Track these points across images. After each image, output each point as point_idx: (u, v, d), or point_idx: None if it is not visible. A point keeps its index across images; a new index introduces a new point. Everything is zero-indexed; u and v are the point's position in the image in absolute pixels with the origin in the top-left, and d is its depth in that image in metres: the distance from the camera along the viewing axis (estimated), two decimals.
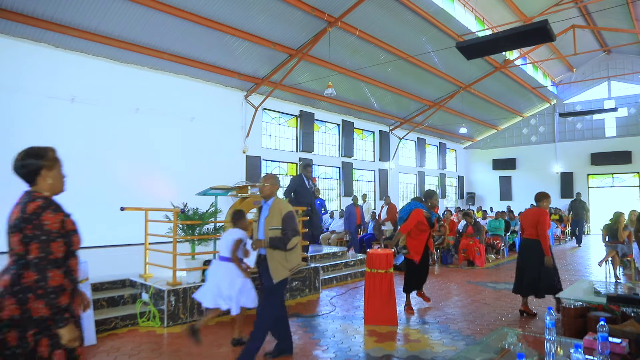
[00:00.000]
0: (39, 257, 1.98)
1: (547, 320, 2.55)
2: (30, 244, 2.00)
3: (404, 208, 5.86)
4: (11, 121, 8.28)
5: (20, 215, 2.06)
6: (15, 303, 1.96)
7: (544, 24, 5.78)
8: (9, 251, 2.07)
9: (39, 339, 1.98)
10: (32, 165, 2.18)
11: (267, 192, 3.83)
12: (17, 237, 2.03)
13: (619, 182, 19.32)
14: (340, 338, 4.51)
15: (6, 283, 2.00)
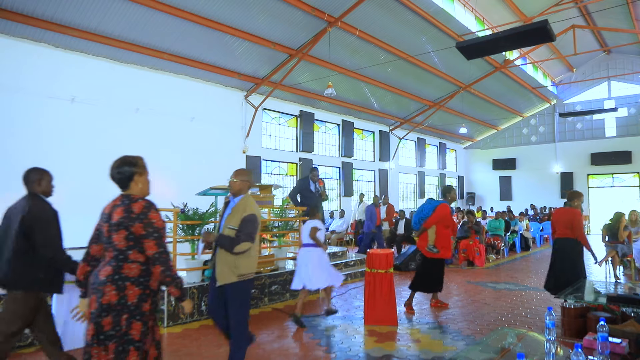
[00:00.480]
0: (159, 251, 2.35)
1: (547, 320, 2.55)
2: (143, 242, 2.33)
3: (425, 206, 5.85)
4: (11, 121, 8.28)
5: (126, 214, 2.34)
6: (115, 290, 2.26)
7: (544, 24, 5.79)
8: (108, 246, 2.37)
9: (131, 322, 2.26)
10: (127, 172, 2.54)
11: (236, 189, 3.51)
12: (122, 234, 2.33)
13: (619, 182, 19.32)
14: (340, 338, 4.51)
15: (108, 273, 2.31)
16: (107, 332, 2.22)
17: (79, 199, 8.91)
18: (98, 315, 2.24)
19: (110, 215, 2.40)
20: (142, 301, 2.31)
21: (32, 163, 3.78)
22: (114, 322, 2.23)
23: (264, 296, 5.99)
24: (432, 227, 5.63)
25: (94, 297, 2.30)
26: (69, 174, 8.89)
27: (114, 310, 2.24)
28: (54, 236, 3.16)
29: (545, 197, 20.08)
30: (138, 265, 2.34)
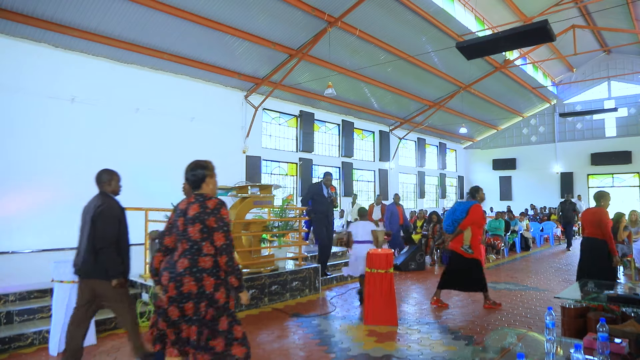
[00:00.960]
0: (226, 243, 2.68)
1: (547, 320, 2.55)
2: (214, 234, 2.66)
3: (456, 208, 5.85)
4: (11, 121, 8.28)
5: (202, 210, 2.68)
6: (193, 280, 2.57)
7: (544, 24, 5.78)
8: (182, 238, 2.67)
9: (208, 309, 2.59)
10: (200, 174, 2.81)
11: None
12: (197, 227, 2.65)
13: (619, 182, 19.32)
14: (340, 338, 4.51)
15: (185, 265, 2.61)
16: (189, 316, 2.59)
17: (79, 199, 8.91)
18: (180, 300, 2.58)
19: (186, 210, 2.72)
20: (216, 290, 2.64)
21: (32, 163, 3.79)
22: (195, 308, 2.58)
23: (264, 296, 5.99)
24: (467, 229, 5.66)
25: (172, 285, 2.59)
26: (69, 174, 8.90)
27: (194, 298, 2.58)
28: (109, 231, 3.43)
29: (545, 197, 20.08)
30: (211, 258, 2.66)
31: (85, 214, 3.59)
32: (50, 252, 8.20)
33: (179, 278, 2.60)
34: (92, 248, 3.41)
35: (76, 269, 3.57)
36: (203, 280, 2.61)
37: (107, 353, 4.06)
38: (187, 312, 2.59)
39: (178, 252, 2.69)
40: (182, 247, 2.68)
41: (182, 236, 2.69)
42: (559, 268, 9.29)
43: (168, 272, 2.65)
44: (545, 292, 6.79)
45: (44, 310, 4.57)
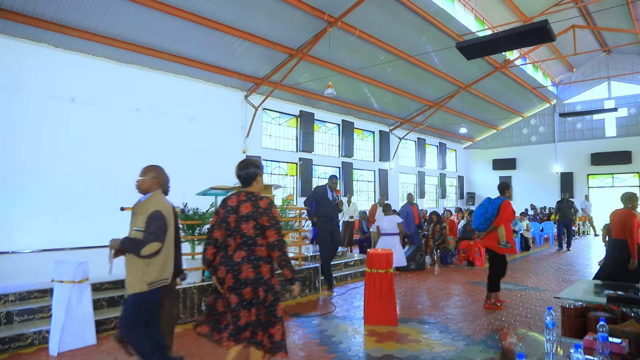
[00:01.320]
0: (279, 239, 2.90)
1: (547, 320, 2.55)
2: (266, 231, 2.87)
3: (487, 207, 5.86)
4: (11, 121, 8.28)
5: (254, 209, 2.88)
6: (251, 267, 2.84)
7: (544, 24, 5.78)
8: (236, 233, 2.88)
9: (267, 294, 2.86)
10: (253, 172, 3.00)
11: (145, 187, 3.34)
12: (251, 224, 2.86)
13: (619, 182, 19.32)
14: (340, 338, 4.51)
15: (242, 255, 2.87)
16: (249, 300, 2.82)
17: (79, 198, 8.92)
18: (238, 287, 2.82)
19: (237, 208, 2.91)
20: (272, 276, 2.91)
21: (32, 163, 3.77)
22: (253, 293, 2.83)
23: None
24: (501, 225, 5.69)
25: (230, 275, 2.84)
26: (69, 174, 8.90)
27: (252, 284, 2.82)
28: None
29: (545, 197, 20.06)
30: (265, 249, 2.90)
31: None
32: (50, 252, 8.20)
33: (237, 267, 2.84)
34: None
35: None
36: (260, 267, 2.86)
37: (107, 353, 4.06)
38: (246, 297, 2.83)
39: (232, 246, 2.91)
40: (235, 241, 2.90)
41: (235, 232, 2.89)
42: (559, 268, 9.29)
43: (224, 266, 2.89)
44: (545, 292, 6.79)
45: (44, 310, 4.57)
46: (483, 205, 5.98)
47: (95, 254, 7.72)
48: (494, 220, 5.73)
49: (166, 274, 3.13)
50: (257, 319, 2.84)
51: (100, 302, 4.99)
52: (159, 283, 3.08)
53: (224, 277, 2.87)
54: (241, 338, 2.84)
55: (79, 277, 4.22)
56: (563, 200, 12.89)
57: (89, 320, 4.27)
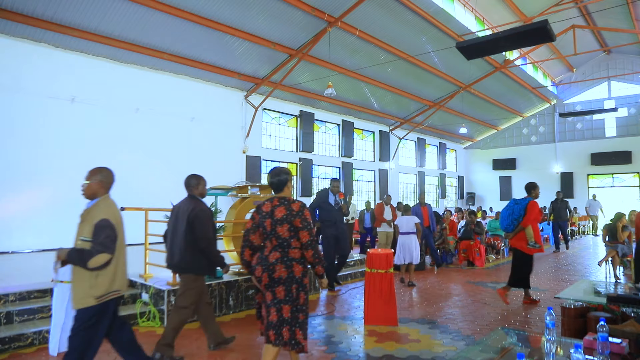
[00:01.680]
0: (310, 239, 3.12)
1: (547, 320, 2.55)
2: (299, 232, 3.09)
3: (513, 207, 5.86)
4: (11, 121, 8.29)
5: (288, 212, 3.09)
6: (284, 267, 3.04)
7: (544, 24, 5.78)
8: (272, 236, 3.09)
9: (299, 292, 3.09)
10: (284, 179, 3.24)
11: (91, 192, 3.14)
12: (285, 227, 3.08)
13: (619, 182, 19.33)
14: (340, 338, 4.51)
15: (277, 256, 3.07)
16: (281, 298, 3.03)
17: (79, 199, 8.92)
18: (272, 285, 3.05)
19: (272, 213, 3.12)
20: (304, 276, 3.14)
21: (32, 163, 3.78)
22: (286, 291, 3.04)
23: None
24: (529, 226, 5.68)
25: (265, 274, 3.06)
26: (69, 174, 8.89)
27: (285, 282, 3.03)
28: (208, 231, 3.83)
29: (546, 197, 19.97)
30: (298, 250, 3.12)
31: (177, 216, 3.95)
32: (50, 252, 8.20)
33: (272, 267, 3.06)
34: (188, 246, 3.81)
35: (171, 264, 4.01)
36: (293, 267, 3.08)
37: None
38: (278, 295, 3.04)
39: (268, 248, 3.14)
40: (271, 243, 3.12)
41: (271, 234, 3.12)
42: (558, 268, 9.29)
43: (261, 266, 3.11)
44: (545, 292, 6.79)
45: (44, 310, 4.57)
46: (509, 206, 5.97)
47: None
48: (521, 220, 5.71)
49: (117, 285, 2.93)
50: (290, 315, 3.05)
51: None
52: (109, 296, 2.87)
53: (261, 276, 3.10)
54: (268, 336, 3.05)
55: None
56: (557, 200, 12.55)
57: None
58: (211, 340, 4.10)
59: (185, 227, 3.79)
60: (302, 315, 3.10)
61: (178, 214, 3.96)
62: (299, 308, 3.08)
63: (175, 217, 3.98)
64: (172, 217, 4.04)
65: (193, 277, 3.88)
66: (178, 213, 3.97)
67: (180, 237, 3.85)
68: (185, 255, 3.83)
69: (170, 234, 4.02)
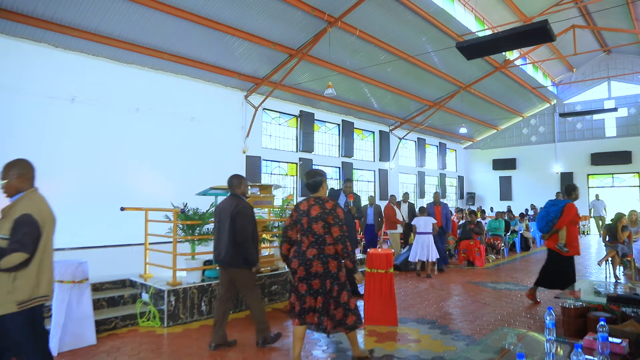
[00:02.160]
0: (341, 234, 3.43)
1: (547, 320, 2.55)
2: (331, 228, 3.43)
3: (550, 209, 5.83)
4: (11, 121, 8.28)
5: (322, 211, 3.46)
6: (320, 264, 3.41)
7: (544, 24, 5.78)
8: (308, 232, 3.46)
9: (334, 285, 3.43)
10: (319, 180, 3.62)
11: (13, 190, 2.77)
12: (320, 224, 3.44)
13: (619, 182, 19.32)
14: (340, 338, 4.51)
15: (314, 253, 3.43)
16: (316, 290, 3.43)
17: (79, 199, 8.91)
18: (308, 279, 3.42)
19: (308, 211, 3.50)
20: (339, 271, 3.46)
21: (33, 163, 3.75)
22: (321, 284, 3.42)
23: (264, 296, 5.99)
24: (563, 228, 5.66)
25: (302, 268, 3.43)
26: (69, 174, 8.90)
27: (321, 277, 3.41)
28: (247, 228, 4.09)
29: (546, 197, 19.87)
30: (332, 247, 3.45)
31: (221, 213, 4.22)
32: None
33: (309, 262, 3.42)
34: (233, 242, 4.06)
35: (218, 260, 4.23)
36: (328, 263, 3.42)
37: (107, 353, 4.06)
38: (314, 287, 3.43)
39: (305, 244, 3.48)
40: (308, 239, 3.47)
41: (307, 231, 3.47)
42: None
43: (297, 259, 3.47)
44: (545, 292, 6.79)
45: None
46: (546, 207, 5.95)
47: (95, 254, 7.73)
48: (556, 222, 5.68)
49: (44, 290, 2.61)
50: (322, 306, 3.42)
51: (100, 302, 5.00)
52: (33, 302, 2.56)
53: (297, 269, 3.45)
54: (307, 320, 3.46)
55: (79, 277, 4.23)
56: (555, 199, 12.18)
57: (89, 320, 4.27)
58: (215, 339, 4.17)
59: (229, 223, 4.06)
60: (339, 306, 3.45)
61: (221, 212, 4.22)
62: (334, 300, 3.44)
63: (219, 215, 4.25)
64: (216, 215, 4.32)
65: (241, 271, 4.15)
66: (221, 211, 4.23)
67: (225, 233, 4.10)
68: (230, 250, 4.09)
69: (216, 232, 4.27)
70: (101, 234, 8.94)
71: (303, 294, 3.44)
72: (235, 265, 4.12)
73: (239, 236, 4.03)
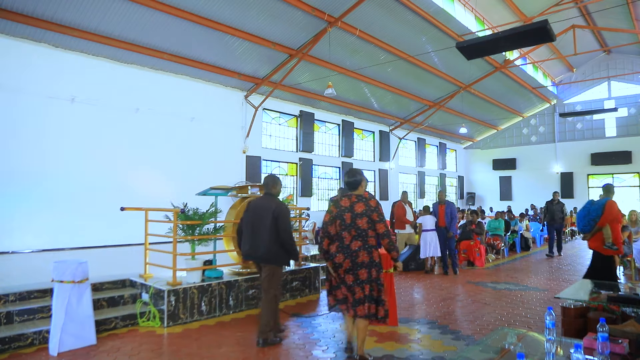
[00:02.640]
0: (386, 230, 3.78)
1: (547, 320, 2.55)
2: (377, 224, 3.74)
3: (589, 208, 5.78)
4: (12, 121, 8.29)
5: (367, 208, 3.73)
6: (365, 253, 3.71)
7: (544, 24, 5.78)
8: (351, 227, 3.72)
9: (378, 274, 3.75)
10: (359, 179, 3.88)
11: None
12: (365, 220, 3.71)
13: (619, 182, 19.32)
14: (340, 338, 4.51)
15: (359, 245, 3.71)
16: (362, 280, 3.69)
17: (79, 198, 8.92)
18: (354, 269, 3.69)
19: (352, 207, 3.76)
20: (380, 260, 3.80)
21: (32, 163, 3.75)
22: (368, 273, 3.69)
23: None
24: (606, 226, 5.63)
25: (347, 260, 3.70)
26: (69, 174, 8.90)
27: (367, 266, 3.68)
28: (288, 226, 4.30)
29: (546, 197, 19.94)
30: (374, 239, 3.76)
31: (256, 210, 4.36)
32: (50, 252, 8.21)
33: (354, 254, 3.69)
34: (274, 239, 4.22)
35: (255, 256, 4.32)
36: (372, 253, 3.73)
37: (107, 353, 4.06)
38: (361, 277, 3.68)
39: (347, 238, 3.73)
40: (350, 234, 3.72)
41: (350, 226, 3.73)
42: (558, 268, 9.29)
43: (342, 253, 3.73)
44: (545, 292, 6.79)
45: (44, 310, 4.57)
46: (585, 207, 5.90)
47: (95, 254, 7.73)
48: (598, 220, 5.63)
49: None
50: (370, 293, 3.68)
51: (100, 302, 5.00)
52: None
53: (342, 262, 3.72)
54: (357, 311, 3.68)
55: (79, 277, 4.22)
56: (553, 200, 11.36)
57: (89, 320, 4.27)
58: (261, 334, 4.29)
59: (271, 222, 4.21)
60: (382, 293, 3.75)
61: (256, 209, 4.38)
62: (379, 286, 3.74)
63: (253, 212, 4.37)
64: (249, 212, 4.43)
65: (275, 267, 4.31)
66: (255, 209, 4.38)
67: (265, 231, 4.23)
68: (271, 248, 4.24)
69: (250, 228, 4.35)
70: (101, 234, 8.95)
71: (351, 284, 3.70)
72: (273, 262, 4.28)
73: (284, 235, 4.23)
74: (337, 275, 3.77)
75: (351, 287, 3.69)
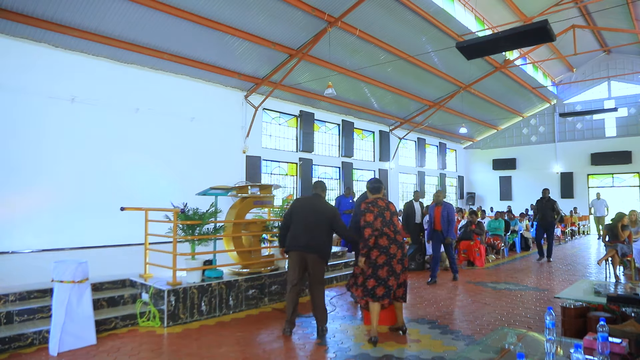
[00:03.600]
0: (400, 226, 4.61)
1: (547, 320, 2.55)
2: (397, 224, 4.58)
3: None
4: (12, 121, 8.29)
5: (395, 208, 4.66)
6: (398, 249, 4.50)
7: (544, 24, 5.78)
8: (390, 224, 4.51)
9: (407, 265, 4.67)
10: (381, 185, 4.79)
11: None
12: (395, 218, 4.57)
13: (619, 182, 19.33)
14: (340, 338, 4.51)
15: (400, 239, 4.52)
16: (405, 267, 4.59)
17: (79, 198, 8.92)
18: (402, 258, 4.54)
19: (388, 207, 4.60)
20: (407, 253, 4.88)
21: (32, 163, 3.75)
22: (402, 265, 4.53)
23: (264, 296, 5.99)
24: None
25: (400, 251, 4.49)
26: (69, 174, 8.90)
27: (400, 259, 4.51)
28: (343, 223, 4.91)
29: None
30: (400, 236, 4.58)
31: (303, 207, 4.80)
32: (50, 252, 8.21)
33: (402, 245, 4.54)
34: (325, 236, 4.67)
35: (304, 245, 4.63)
36: (403, 248, 4.56)
37: (107, 353, 4.06)
38: (404, 265, 4.59)
39: (391, 233, 4.46)
40: (389, 229, 4.46)
41: (389, 223, 4.49)
42: (558, 268, 9.29)
43: (395, 244, 4.46)
44: (545, 292, 6.79)
45: (44, 310, 4.57)
46: None
47: (95, 254, 7.73)
48: None
49: None
50: (402, 281, 4.57)
51: (100, 302, 5.00)
52: None
53: (395, 252, 4.44)
54: (397, 293, 4.57)
55: (79, 277, 4.22)
56: (543, 198, 10.51)
57: (89, 320, 4.27)
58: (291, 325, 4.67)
59: (326, 222, 4.68)
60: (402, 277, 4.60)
61: (305, 206, 4.81)
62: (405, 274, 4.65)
63: (302, 208, 4.79)
64: (297, 207, 4.82)
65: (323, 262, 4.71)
66: (305, 205, 4.82)
67: (322, 229, 4.66)
68: (325, 244, 4.69)
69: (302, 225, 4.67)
70: (101, 234, 8.95)
71: (385, 277, 4.38)
72: (326, 256, 4.72)
73: (344, 232, 4.87)
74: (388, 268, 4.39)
75: (398, 275, 4.48)
